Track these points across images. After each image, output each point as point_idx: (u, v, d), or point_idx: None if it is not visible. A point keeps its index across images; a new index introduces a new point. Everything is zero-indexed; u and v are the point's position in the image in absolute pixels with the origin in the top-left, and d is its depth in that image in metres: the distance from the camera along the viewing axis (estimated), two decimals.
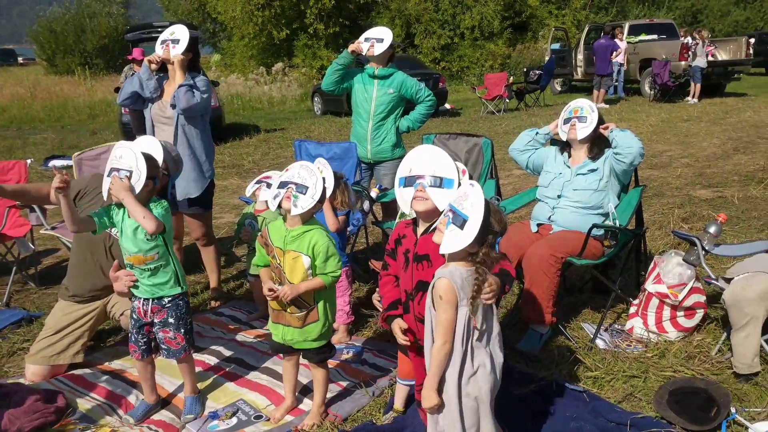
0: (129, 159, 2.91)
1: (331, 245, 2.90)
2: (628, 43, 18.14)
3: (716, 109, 14.65)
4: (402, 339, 2.70)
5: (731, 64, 17.62)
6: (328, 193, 3.01)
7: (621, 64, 17.74)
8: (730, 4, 33.48)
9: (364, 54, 4.88)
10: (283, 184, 2.88)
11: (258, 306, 4.49)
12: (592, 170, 3.96)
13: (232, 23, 26.76)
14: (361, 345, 3.97)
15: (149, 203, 2.96)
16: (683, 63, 16.72)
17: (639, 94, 18.28)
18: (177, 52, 4.23)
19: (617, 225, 3.78)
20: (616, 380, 3.36)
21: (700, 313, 3.75)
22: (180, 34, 4.28)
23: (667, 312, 3.73)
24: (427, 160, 2.59)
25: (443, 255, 2.33)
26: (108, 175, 2.93)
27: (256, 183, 4.49)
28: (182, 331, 3.16)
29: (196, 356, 3.69)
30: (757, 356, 3.22)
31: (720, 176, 8.09)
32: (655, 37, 18.60)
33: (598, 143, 4.01)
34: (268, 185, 4.27)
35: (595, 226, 3.66)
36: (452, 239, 2.23)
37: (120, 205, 2.96)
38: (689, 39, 16.89)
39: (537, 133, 4.23)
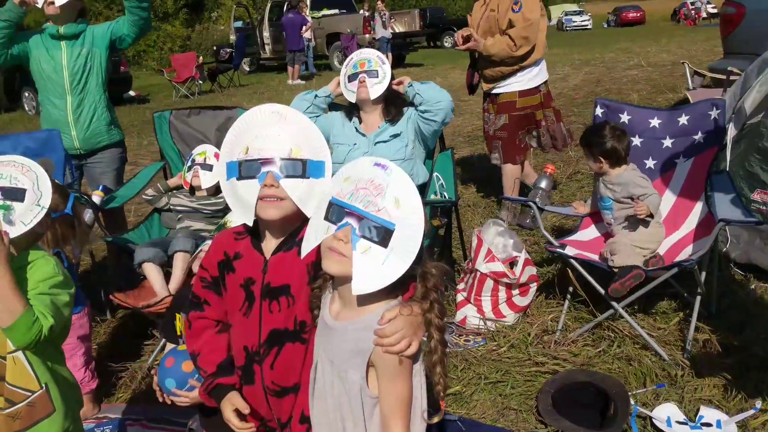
0: None
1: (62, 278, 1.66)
2: (312, 18, 18.02)
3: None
4: (241, 427, 1.62)
5: (409, 36, 18.58)
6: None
7: (309, 40, 17.52)
8: None
9: (40, 6, 3.43)
10: None
11: None
12: (395, 135, 3.20)
13: None
14: (119, 416, 2.73)
15: None
16: (368, 36, 17.12)
17: (330, 69, 18.30)
18: None
19: (446, 198, 3.08)
20: (480, 391, 2.68)
21: (533, 288, 3.25)
22: None
23: (503, 293, 3.16)
24: (272, 129, 1.50)
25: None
26: None
27: None
28: None
29: None
30: None
31: (448, 139, 8.02)
32: (336, 11, 18.79)
33: (393, 102, 3.27)
34: None
35: (427, 203, 2.90)
36: (375, 267, 1.27)
37: None
38: (368, 13, 17.37)
39: (316, 96, 3.33)
